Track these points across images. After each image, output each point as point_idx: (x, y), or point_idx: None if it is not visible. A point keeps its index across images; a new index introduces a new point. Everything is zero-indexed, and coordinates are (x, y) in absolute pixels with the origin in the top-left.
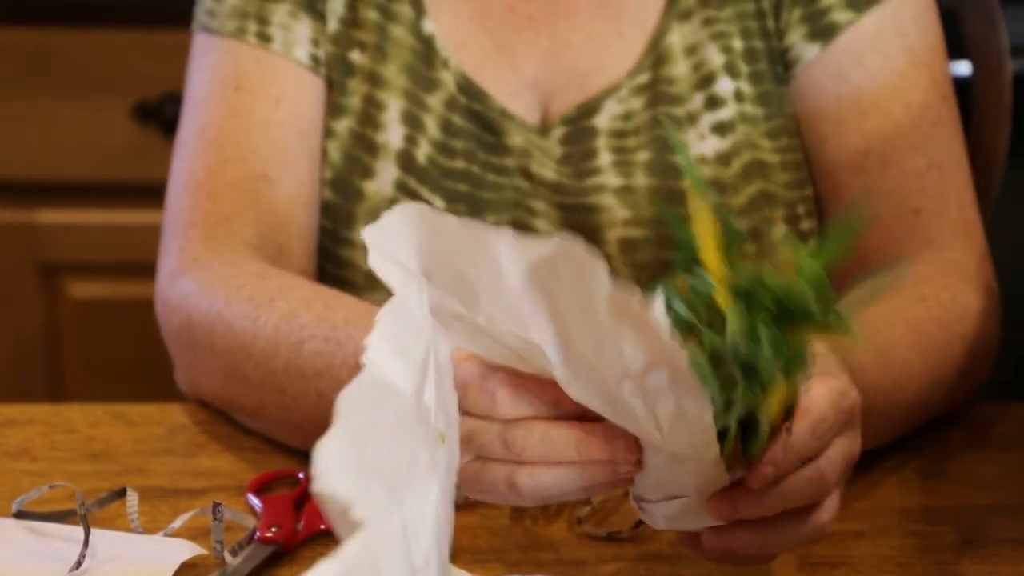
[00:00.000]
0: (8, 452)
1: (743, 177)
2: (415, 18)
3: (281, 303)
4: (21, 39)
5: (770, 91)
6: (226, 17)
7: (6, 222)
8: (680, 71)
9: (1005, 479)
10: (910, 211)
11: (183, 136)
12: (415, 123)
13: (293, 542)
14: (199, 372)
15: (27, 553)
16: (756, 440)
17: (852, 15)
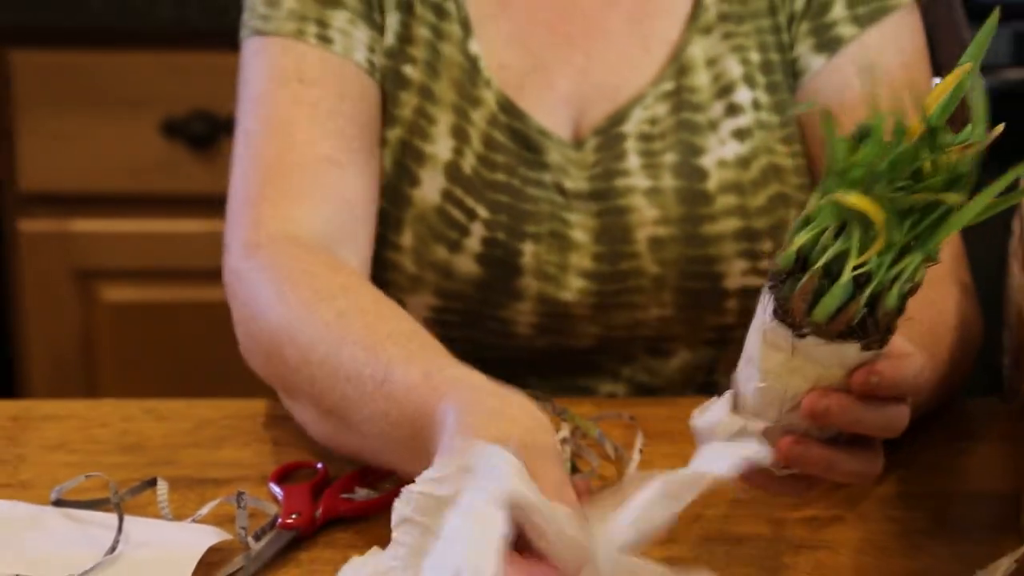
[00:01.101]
0: (47, 445)
1: (761, 180)
2: (463, 37)
3: (340, 301)
4: (58, 61)
5: (785, 100)
6: (283, 19)
7: (45, 231)
8: (702, 81)
9: (977, 468)
10: None
11: (245, 127)
12: (463, 136)
13: (312, 528)
14: (251, 341)
15: (65, 538)
16: (831, 297)
17: (856, 30)
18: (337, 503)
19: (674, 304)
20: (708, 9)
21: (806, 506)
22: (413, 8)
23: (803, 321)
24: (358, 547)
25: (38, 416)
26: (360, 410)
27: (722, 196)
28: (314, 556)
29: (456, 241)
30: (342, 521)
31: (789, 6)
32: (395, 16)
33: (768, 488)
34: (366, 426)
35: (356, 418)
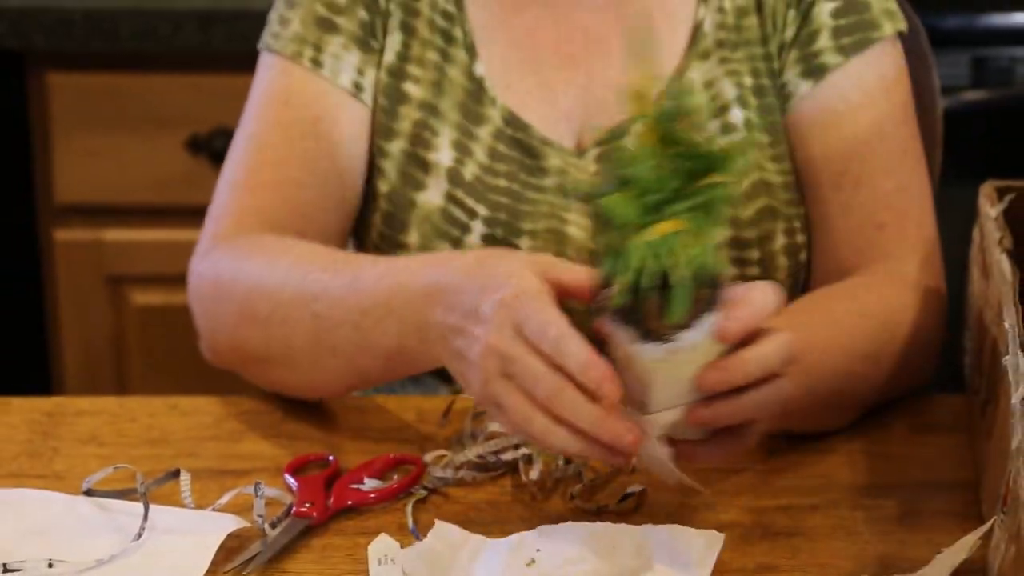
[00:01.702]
0: (79, 438)
1: (751, 193)
2: (468, 62)
3: (295, 250)
4: (91, 83)
5: (776, 122)
6: (288, 40)
7: (78, 240)
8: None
9: (941, 459)
10: (875, 225)
11: (236, 140)
12: (464, 149)
13: (324, 516)
14: (218, 322)
15: (95, 526)
16: (677, 301)
17: (841, 59)
18: (347, 493)
19: None
20: (706, 36)
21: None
22: (417, 31)
23: (664, 329)
24: (367, 534)
25: (71, 412)
26: (332, 318)
27: None
28: (326, 542)
29: (458, 238)
30: (352, 510)
31: (780, 36)
32: (397, 36)
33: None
34: (340, 332)
35: (328, 333)
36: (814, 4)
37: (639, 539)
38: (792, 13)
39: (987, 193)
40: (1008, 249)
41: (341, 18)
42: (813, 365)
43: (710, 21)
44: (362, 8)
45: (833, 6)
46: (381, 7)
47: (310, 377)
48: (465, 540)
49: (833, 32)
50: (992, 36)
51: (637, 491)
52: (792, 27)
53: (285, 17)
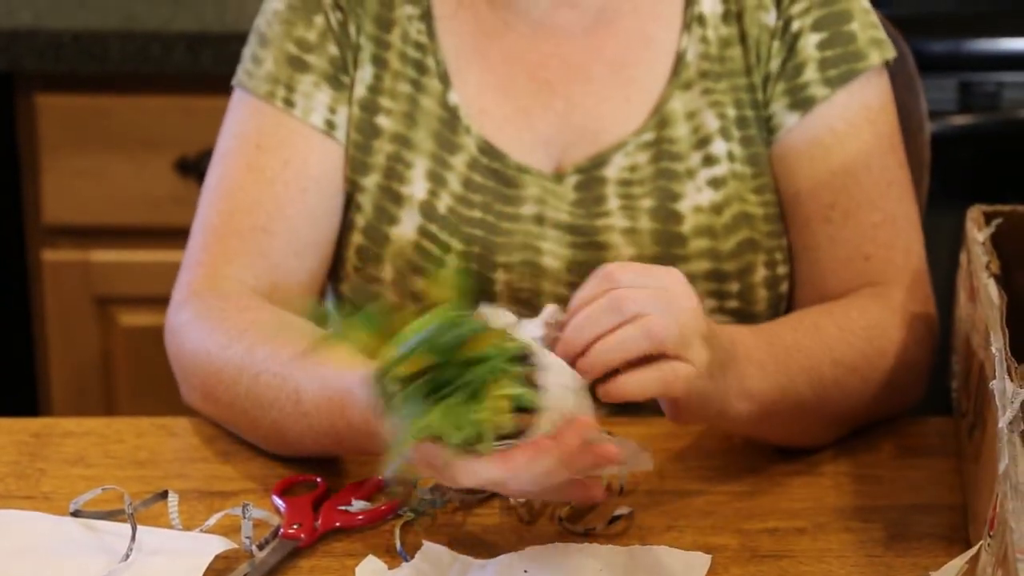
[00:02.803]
0: (66, 459)
1: (732, 225)
2: (442, 91)
3: (249, 336)
4: (80, 104)
5: (758, 153)
6: (261, 80)
7: (66, 260)
8: (681, 132)
9: (928, 483)
10: (862, 256)
11: (208, 182)
12: (438, 180)
13: (312, 538)
14: (187, 388)
15: (82, 547)
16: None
17: (828, 91)
18: (335, 515)
19: None
20: (689, 67)
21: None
22: (388, 63)
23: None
24: (355, 555)
25: (58, 433)
26: (291, 429)
27: (695, 239)
28: (314, 564)
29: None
30: (340, 531)
31: (764, 67)
32: (369, 70)
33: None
34: (304, 441)
35: (291, 436)
36: (799, 36)
37: (627, 560)
38: (777, 44)
39: (974, 217)
40: (995, 273)
41: (311, 56)
42: (790, 365)
43: (693, 51)
44: (332, 43)
45: (819, 38)
46: (352, 41)
47: (284, 447)
48: (453, 561)
49: (819, 64)
50: (979, 61)
51: (625, 513)
52: (777, 59)
53: (258, 56)
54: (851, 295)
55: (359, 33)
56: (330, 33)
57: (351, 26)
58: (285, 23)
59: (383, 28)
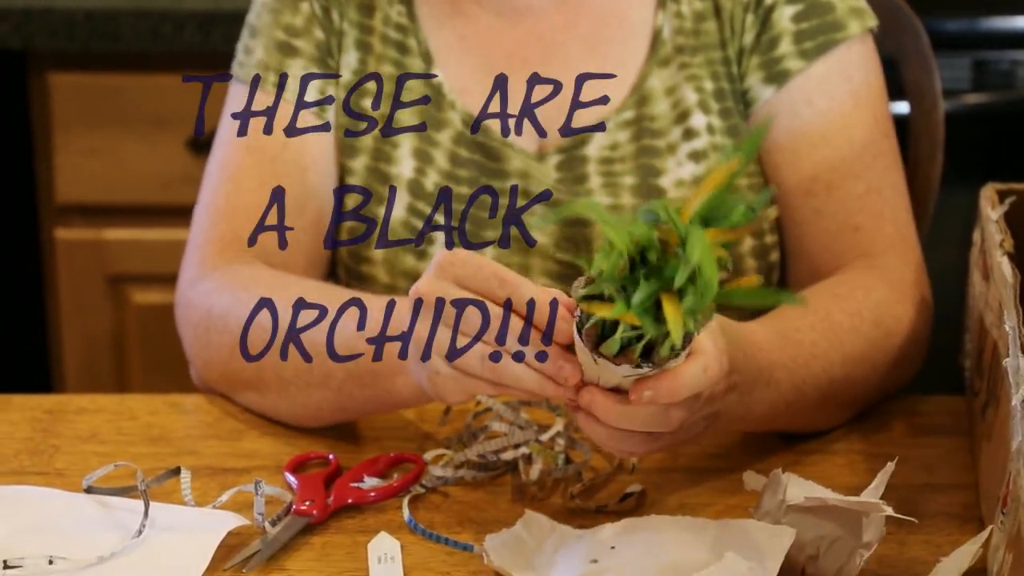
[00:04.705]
0: (79, 436)
1: None
2: (425, 70)
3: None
4: (93, 83)
5: (738, 125)
6: (252, 68)
7: (79, 239)
8: (661, 109)
9: (940, 461)
10: (851, 228)
11: (210, 168)
12: (424, 157)
13: (324, 514)
14: (211, 352)
15: (95, 523)
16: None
17: (803, 63)
18: (347, 491)
19: None
20: (665, 43)
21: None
22: (372, 47)
23: (594, 349)
24: (367, 532)
25: (72, 410)
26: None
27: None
28: (326, 540)
29: (423, 250)
30: (352, 508)
31: (738, 41)
32: (353, 55)
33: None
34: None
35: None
36: (773, 9)
37: (715, 533)
38: (751, 18)
39: (988, 196)
40: (1009, 251)
41: (299, 40)
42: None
43: (668, 27)
44: (318, 28)
45: (794, 10)
46: (335, 27)
47: (301, 404)
48: (552, 530)
49: (795, 36)
50: (993, 39)
51: (637, 491)
52: (751, 32)
53: (249, 46)
54: (848, 270)
55: (342, 19)
56: (315, 19)
57: (334, 12)
58: (272, 12)
59: (365, 13)
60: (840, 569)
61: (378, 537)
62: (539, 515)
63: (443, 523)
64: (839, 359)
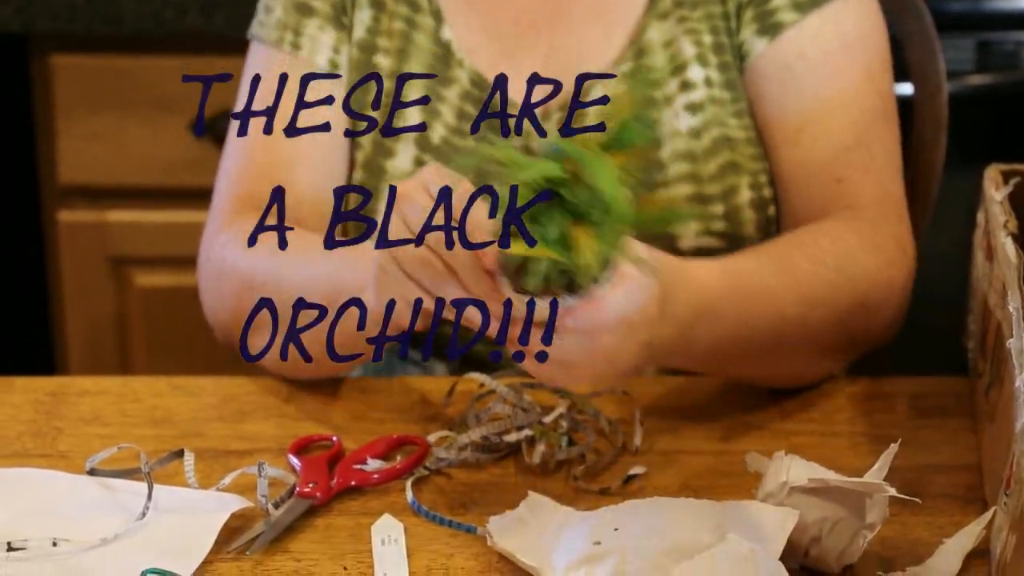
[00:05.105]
0: (83, 418)
1: (712, 149)
2: (435, 27)
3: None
4: (96, 65)
5: (735, 79)
6: (271, 28)
7: (82, 221)
8: (658, 61)
9: (944, 443)
10: (834, 179)
11: (230, 133)
12: (432, 112)
13: (327, 496)
14: (223, 293)
15: (99, 505)
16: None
17: (797, 15)
18: (351, 474)
19: None
20: None
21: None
22: (385, 4)
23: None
24: (370, 514)
25: (75, 392)
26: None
27: (675, 164)
28: (329, 522)
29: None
30: (355, 490)
31: None
32: (367, 12)
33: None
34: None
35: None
36: None
37: (719, 515)
38: None
39: (992, 176)
40: (1013, 232)
41: (316, 0)
42: (753, 312)
43: None
44: None
45: None
46: None
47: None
48: (555, 511)
49: None
50: (998, 20)
51: (640, 473)
52: None
53: (269, 5)
54: (826, 220)
55: None
56: None
57: None
58: None
59: None
60: (843, 550)
61: (381, 519)
62: (542, 497)
63: (446, 505)
64: (793, 298)
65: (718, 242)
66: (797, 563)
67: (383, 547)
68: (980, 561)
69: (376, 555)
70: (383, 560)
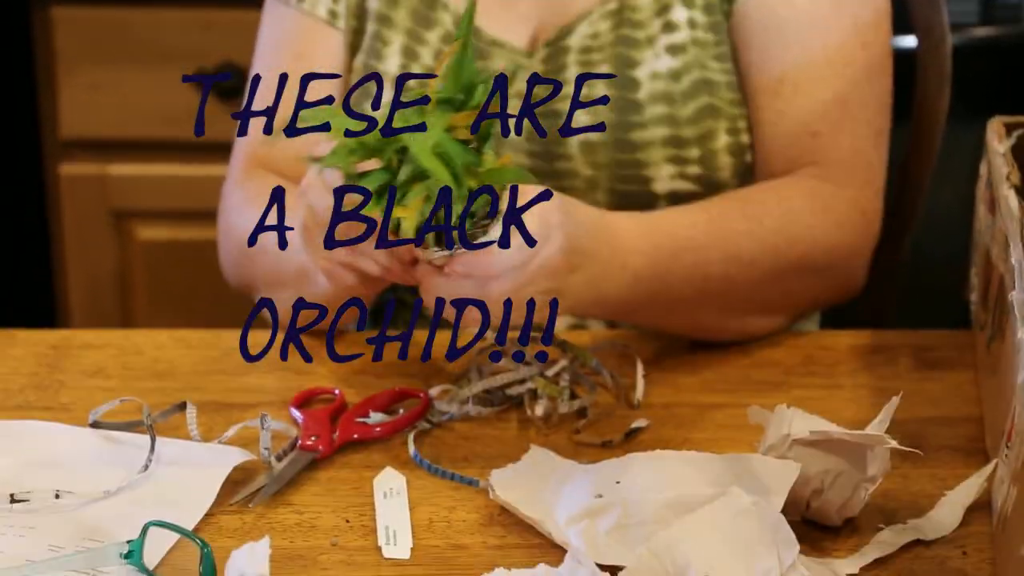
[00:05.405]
0: (85, 371)
1: (691, 91)
2: None
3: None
4: (96, 17)
5: (720, 22)
6: None
7: (83, 174)
8: (643, 1)
9: (945, 396)
10: (809, 133)
11: (250, 84)
12: (411, 55)
13: (330, 449)
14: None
15: (101, 457)
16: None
17: None
18: (353, 427)
19: (607, 205)
20: None
21: None
22: None
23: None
24: (372, 467)
25: (77, 345)
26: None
27: (652, 105)
28: (331, 475)
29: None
30: (358, 443)
31: None
32: None
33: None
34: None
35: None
36: None
37: (720, 468)
38: None
39: (995, 129)
40: (1016, 185)
41: None
42: (671, 266)
43: None
44: None
45: None
46: None
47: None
48: (557, 464)
49: None
50: None
51: (642, 426)
52: None
53: None
54: (788, 176)
55: None
56: None
57: None
58: None
59: None
60: (845, 503)
61: (384, 472)
62: (544, 450)
63: (448, 458)
64: (719, 256)
65: (693, 186)
66: (799, 515)
67: (385, 500)
68: (981, 513)
69: (378, 508)
70: (385, 513)
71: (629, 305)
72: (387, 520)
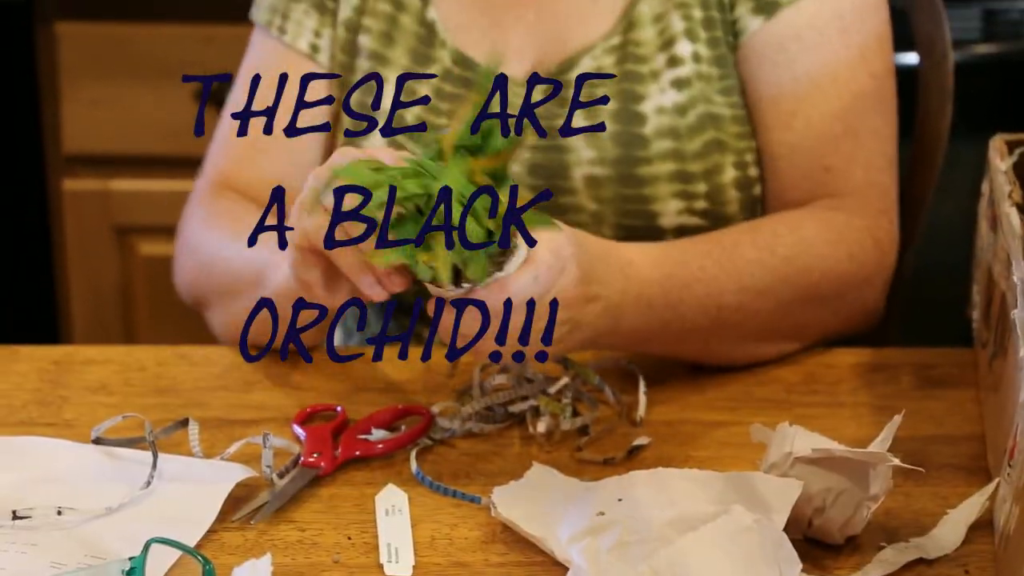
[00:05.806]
0: (88, 387)
1: (697, 126)
2: (421, 7)
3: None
4: (100, 33)
5: (725, 55)
6: (264, 10)
7: (86, 190)
8: (647, 35)
9: (947, 413)
10: (822, 168)
11: (225, 110)
12: (409, 92)
13: (332, 466)
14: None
15: (104, 474)
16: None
17: None
18: (355, 444)
19: (613, 239)
20: None
21: None
22: None
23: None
24: (375, 484)
25: (79, 360)
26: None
27: (658, 140)
28: (333, 492)
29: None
30: (360, 461)
31: None
32: None
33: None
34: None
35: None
36: None
37: (722, 486)
38: None
39: (997, 146)
40: (1018, 202)
41: None
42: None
43: None
44: None
45: None
46: None
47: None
48: (560, 482)
49: None
50: None
51: (644, 444)
52: None
53: None
54: (802, 208)
55: None
56: None
57: None
58: None
59: None
60: (847, 521)
61: (386, 489)
62: (546, 467)
63: (450, 475)
64: (732, 287)
65: (700, 220)
66: (801, 534)
67: (387, 517)
68: (984, 532)
69: (380, 525)
70: (387, 530)
71: (642, 335)
72: (389, 537)
